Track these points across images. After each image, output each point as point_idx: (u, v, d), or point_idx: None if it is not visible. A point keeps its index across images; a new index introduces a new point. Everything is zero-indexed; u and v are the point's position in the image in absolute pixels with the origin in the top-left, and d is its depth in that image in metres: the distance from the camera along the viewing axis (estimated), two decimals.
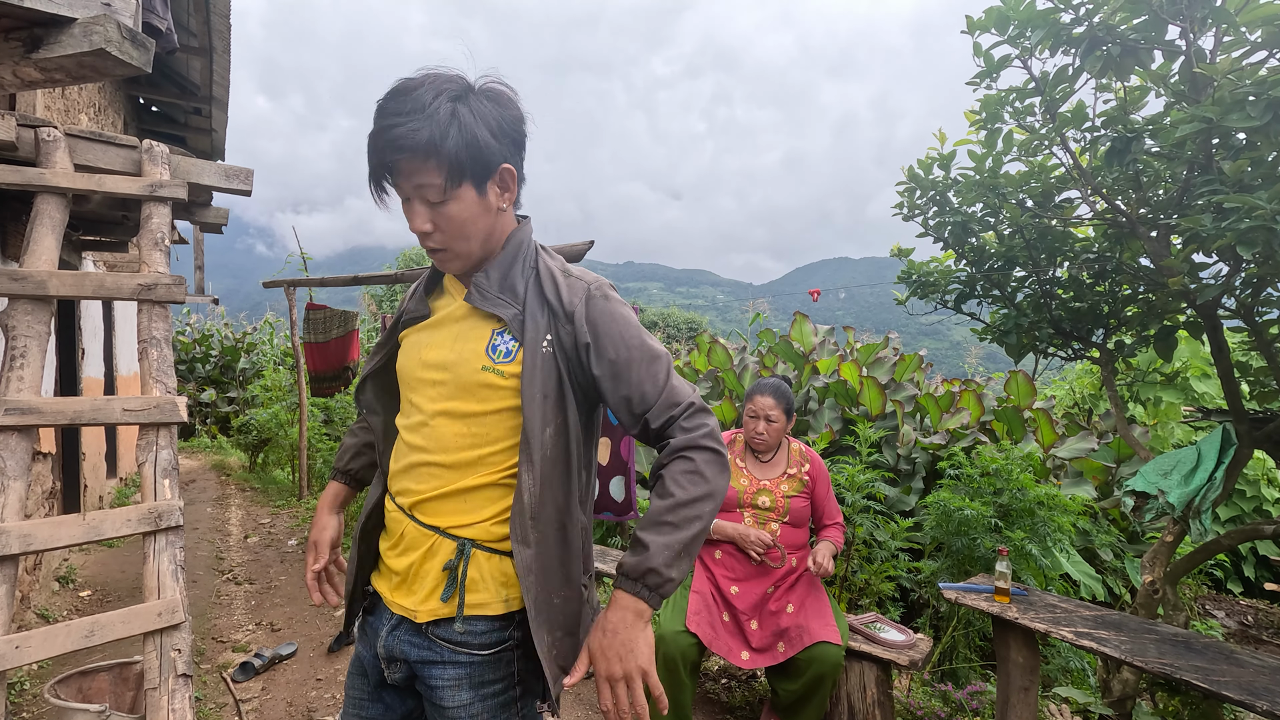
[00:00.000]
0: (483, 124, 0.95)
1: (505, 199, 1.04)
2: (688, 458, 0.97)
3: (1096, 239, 2.78)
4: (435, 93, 0.93)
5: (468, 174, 0.96)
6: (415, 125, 0.91)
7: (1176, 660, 1.71)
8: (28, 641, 1.72)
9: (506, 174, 1.02)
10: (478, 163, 0.96)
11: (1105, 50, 2.05)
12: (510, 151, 1.01)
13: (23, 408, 1.90)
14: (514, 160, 1.02)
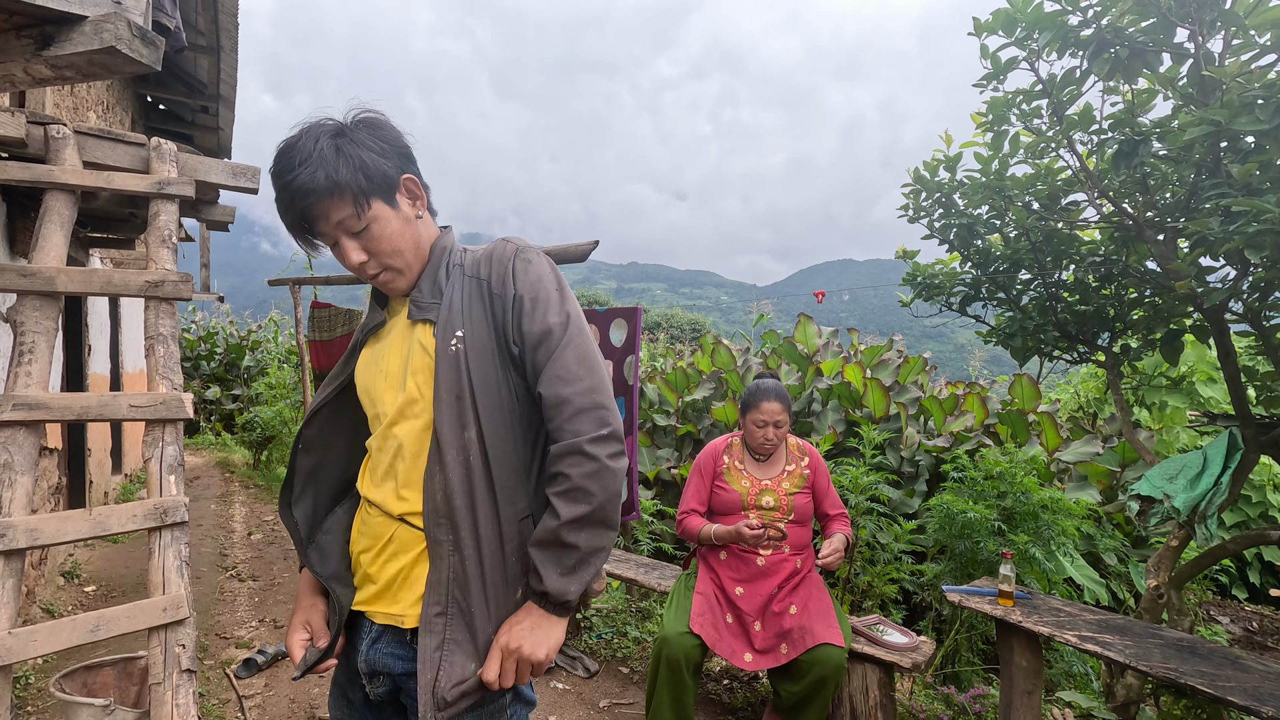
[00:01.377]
0: (365, 148, 1.01)
1: (418, 206, 1.09)
2: (564, 474, 0.96)
3: (1103, 242, 2.77)
4: (314, 139, 0.99)
5: (373, 192, 1.01)
6: (309, 170, 0.97)
7: (1182, 665, 1.70)
8: (33, 636, 1.73)
9: (409, 183, 1.07)
10: (376, 180, 1.01)
11: (1113, 53, 2.05)
12: (402, 164, 1.05)
13: (30, 403, 1.91)
14: (410, 170, 1.07)
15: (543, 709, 2.67)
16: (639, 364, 3.38)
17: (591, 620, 3.38)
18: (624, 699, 2.76)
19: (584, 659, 3.01)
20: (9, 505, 1.81)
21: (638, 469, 3.44)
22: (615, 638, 3.27)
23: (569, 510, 0.95)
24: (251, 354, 11.35)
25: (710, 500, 2.41)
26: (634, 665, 3.05)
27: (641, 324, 3.41)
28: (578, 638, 3.28)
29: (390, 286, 1.09)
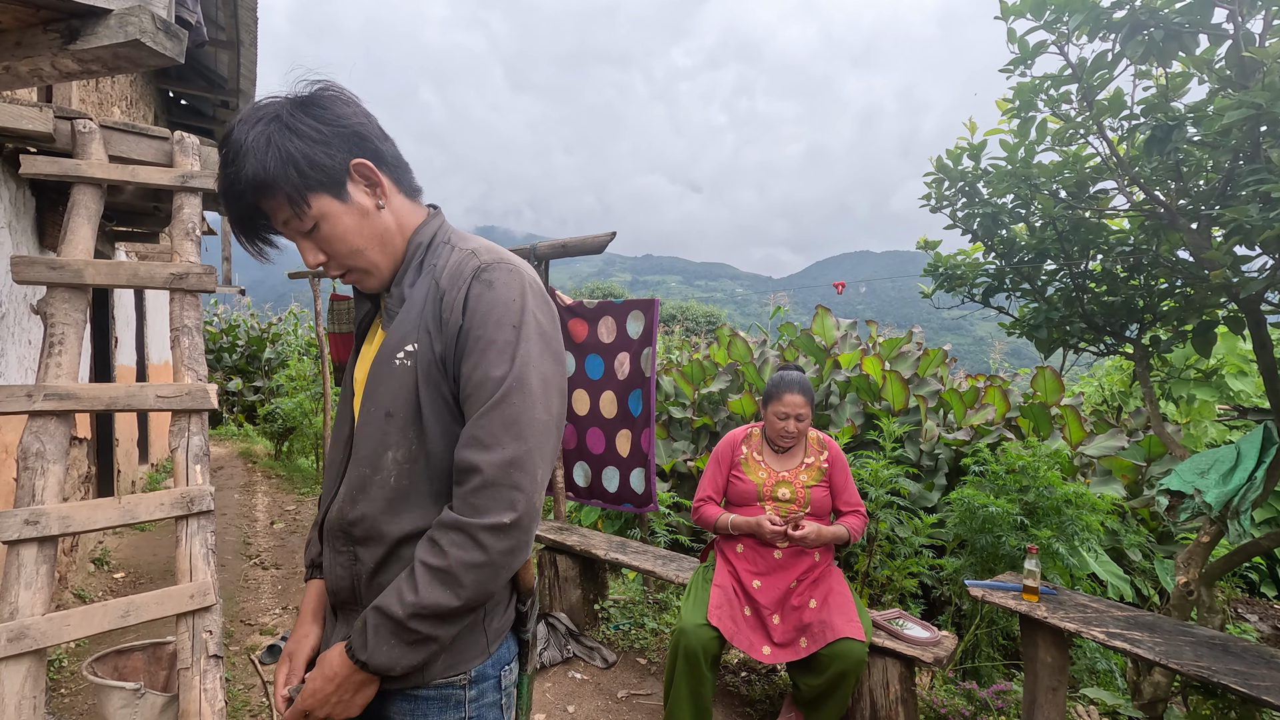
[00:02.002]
0: (301, 137, 0.86)
1: (378, 194, 0.93)
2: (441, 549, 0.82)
3: (1132, 231, 2.71)
4: (249, 127, 0.86)
5: (311, 187, 0.87)
6: (238, 166, 0.85)
7: (1214, 664, 1.66)
8: (67, 620, 1.77)
9: (361, 170, 0.91)
10: (314, 173, 0.87)
11: (1148, 35, 1.99)
12: (350, 147, 0.90)
13: (61, 393, 1.94)
14: (363, 153, 0.91)
15: (560, 698, 2.69)
16: (655, 356, 3.37)
17: (609, 611, 3.39)
18: (641, 690, 2.77)
19: (601, 650, 3.03)
20: (41, 493, 1.85)
21: (655, 461, 3.44)
22: (632, 629, 3.28)
23: (429, 594, 0.82)
24: (272, 346, 11.51)
25: (727, 490, 2.41)
26: (651, 656, 3.06)
27: (658, 316, 3.40)
28: (595, 628, 3.30)
29: (362, 286, 0.98)
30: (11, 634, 1.67)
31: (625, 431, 3.50)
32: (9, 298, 2.61)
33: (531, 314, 0.89)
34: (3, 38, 1.58)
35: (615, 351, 3.50)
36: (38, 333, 2.92)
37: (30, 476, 1.86)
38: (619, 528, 4.77)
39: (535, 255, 3.41)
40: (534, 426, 0.85)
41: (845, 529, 2.28)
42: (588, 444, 3.66)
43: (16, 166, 2.53)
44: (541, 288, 0.94)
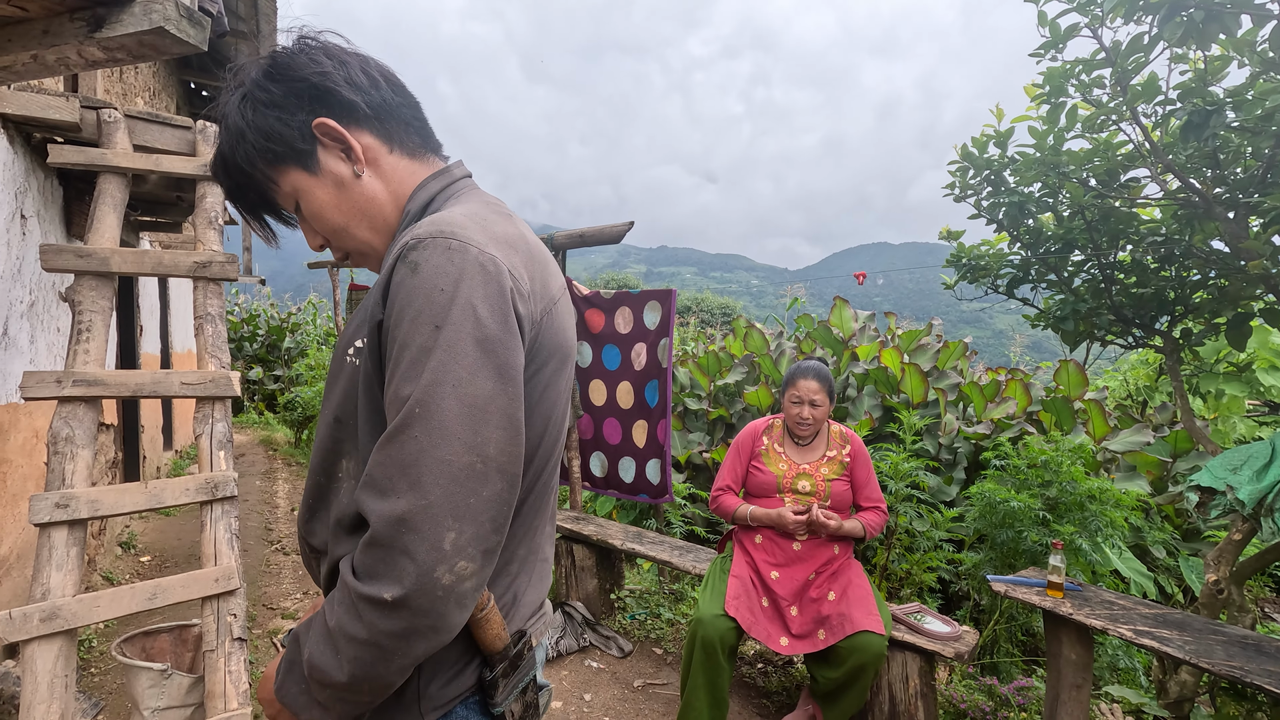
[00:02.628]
0: (258, 104, 0.76)
1: (353, 159, 0.79)
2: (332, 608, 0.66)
3: (1165, 220, 2.64)
4: (225, 98, 0.78)
5: (273, 161, 0.77)
6: (216, 143, 0.80)
7: (1247, 664, 1.63)
8: (97, 602, 1.81)
9: (325, 130, 0.76)
10: (272, 144, 0.76)
11: (1187, 16, 1.92)
12: (311, 108, 0.76)
13: (89, 379, 1.97)
14: (327, 111, 0.77)
15: (577, 686, 2.71)
16: (672, 346, 3.36)
17: (625, 601, 3.40)
18: (658, 679, 2.78)
19: (618, 639, 3.04)
20: (71, 477, 1.89)
21: (670, 453, 3.44)
22: (648, 619, 3.29)
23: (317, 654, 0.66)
24: (292, 336, 11.66)
25: (746, 481, 2.39)
26: (667, 646, 3.07)
27: (675, 306, 3.38)
28: (611, 618, 3.31)
29: (364, 265, 0.86)
30: (44, 614, 1.71)
31: (642, 422, 3.50)
32: (38, 286, 2.66)
33: (465, 309, 0.64)
34: (30, 26, 1.59)
35: (632, 342, 3.49)
36: (66, 320, 2.97)
37: (60, 461, 1.89)
38: (634, 518, 4.78)
39: (553, 245, 3.41)
40: (440, 472, 0.61)
41: (860, 525, 2.25)
42: (604, 434, 3.66)
43: (44, 156, 2.57)
44: (503, 273, 0.68)
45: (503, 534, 0.67)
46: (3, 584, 2.39)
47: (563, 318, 0.80)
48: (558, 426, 0.81)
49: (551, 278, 0.79)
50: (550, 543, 0.87)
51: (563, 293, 0.82)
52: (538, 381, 0.75)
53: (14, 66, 1.63)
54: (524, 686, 0.78)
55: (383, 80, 0.81)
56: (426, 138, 0.86)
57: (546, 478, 0.82)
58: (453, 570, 0.62)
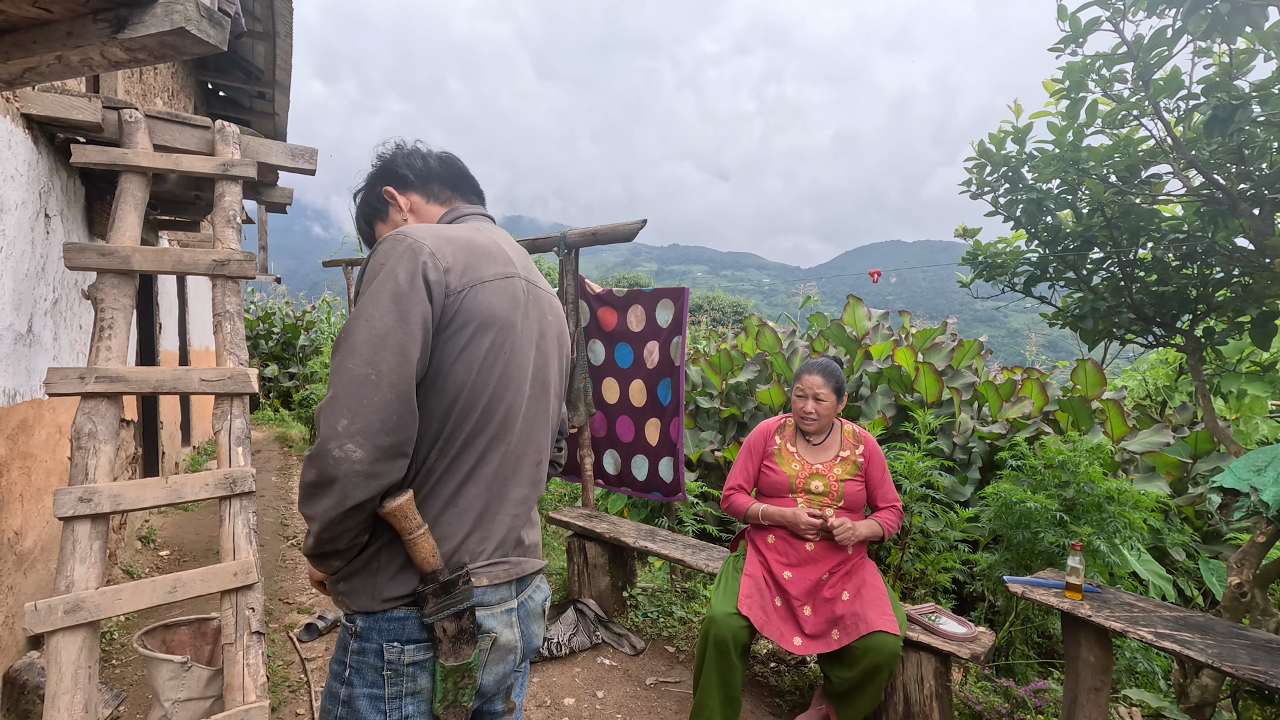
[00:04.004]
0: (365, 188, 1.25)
1: (403, 209, 1.21)
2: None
3: (1187, 217, 2.59)
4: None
5: (371, 219, 1.25)
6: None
7: (1271, 668, 1.60)
8: (119, 594, 1.84)
9: (386, 195, 1.21)
10: (367, 209, 1.25)
11: (1212, 9, 1.88)
12: (381, 180, 1.22)
13: (111, 375, 2.01)
14: (386, 182, 1.21)
15: (589, 684, 2.71)
16: (685, 345, 3.35)
17: (637, 599, 3.41)
18: (670, 677, 2.78)
19: (630, 637, 3.04)
20: (94, 472, 1.92)
21: (683, 451, 3.43)
22: (661, 617, 3.29)
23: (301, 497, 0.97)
24: (306, 334, 11.77)
25: (758, 480, 2.38)
26: (679, 644, 3.07)
27: (688, 304, 3.38)
28: (623, 615, 3.31)
29: None
30: (68, 606, 1.74)
31: (654, 420, 3.50)
32: (61, 284, 2.70)
33: (389, 273, 0.95)
34: (54, 28, 1.61)
35: (645, 340, 3.49)
36: (88, 317, 3.02)
37: (83, 456, 1.93)
38: (645, 516, 4.78)
39: (565, 243, 3.41)
40: (345, 376, 0.90)
41: (878, 525, 2.24)
42: (617, 432, 3.66)
43: (67, 156, 2.61)
44: (422, 251, 0.97)
45: (396, 439, 0.91)
46: (27, 576, 2.43)
47: (491, 296, 1.03)
48: (484, 390, 1.02)
49: (489, 266, 1.05)
50: (490, 502, 1.05)
51: (504, 279, 1.06)
52: (457, 340, 0.99)
53: (39, 68, 1.66)
54: (459, 613, 0.99)
55: (432, 160, 1.24)
56: (459, 189, 1.25)
57: (472, 437, 1.02)
58: (342, 448, 0.88)
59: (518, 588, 1.09)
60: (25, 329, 2.38)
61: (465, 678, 1.00)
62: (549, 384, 1.16)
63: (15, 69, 1.65)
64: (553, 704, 2.56)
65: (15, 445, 2.32)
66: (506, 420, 1.05)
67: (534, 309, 1.12)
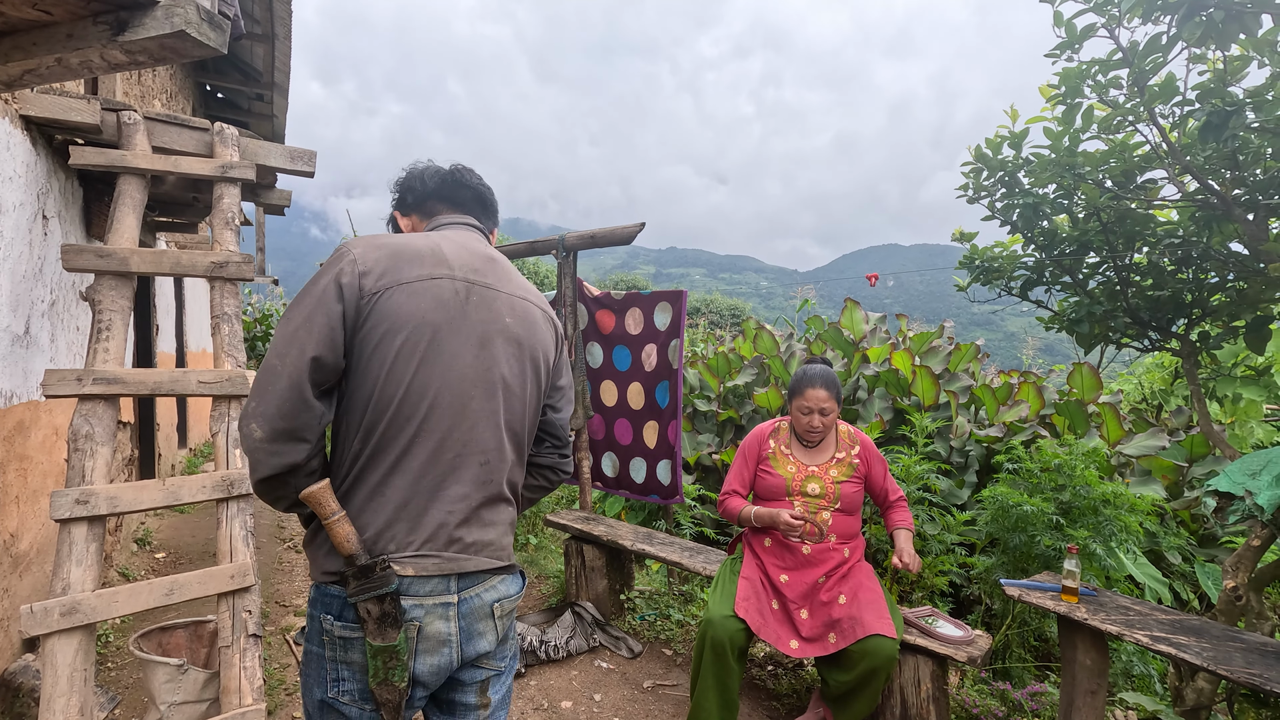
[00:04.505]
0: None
1: (404, 230, 1.36)
2: None
3: (1182, 222, 2.61)
4: None
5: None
6: None
7: (1267, 671, 1.60)
8: (115, 597, 1.83)
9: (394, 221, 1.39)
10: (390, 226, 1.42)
11: (1206, 16, 1.90)
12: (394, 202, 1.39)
13: (109, 377, 2.00)
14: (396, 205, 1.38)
15: (587, 687, 2.71)
16: (683, 347, 3.35)
17: (635, 602, 3.41)
18: (667, 680, 2.77)
19: (628, 639, 3.04)
20: (91, 474, 1.92)
21: (681, 454, 3.43)
22: (658, 620, 3.29)
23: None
24: None
25: (755, 484, 2.39)
26: (677, 647, 3.07)
27: (686, 307, 3.38)
28: (621, 618, 3.31)
29: None
30: (64, 609, 1.74)
31: (652, 423, 3.50)
32: (58, 285, 2.70)
33: (315, 278, 1.08)
34: (54, 30, 1.62)
35: (642, 343, 3.49)
36: (85, 319, 3.01)
37: (80, 458, 1.92)
38: (643, 519, 4.77)
39: (564, 246, 3.42)
40: (262, 365, 1.05)
41: (907, 529, 2.31)
42: (616, 435, 3.67)
43: (65, 157, 2.61)
44: (345, 259, 1.09)
45: (290, 424, 1.02)
46: (23, 579, 2.42)
47: (408, 297, 1.09)
48: (398, 386, 1.08)
49: (414, 269, 1.12)
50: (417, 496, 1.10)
51: (428, 280, 1.12)
52: (370, 338, 1.07)
53: (38, 69, 1.66)
54: (381, 597, 1.05)
55: (431, 180, 1.34)
56: (454, 201, 1.34)
57: (393, 431, 1.09)
58: (248, 425, 1.02)
59: (458, 584, 1.12)
60: (22, 330, 2.37)
61: (393, 659, 1.07)
62: (498, 385, 1.16)
63: (15, 71, 1.65)
64: (550, 707, 2.56)
65: (12, 447, 2.31)
66: (432, 417, 1.10)
67: (479, 311, 1.15)
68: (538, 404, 1.27)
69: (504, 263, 1.27)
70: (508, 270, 1.26)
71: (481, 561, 1.15)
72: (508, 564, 1.20)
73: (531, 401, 1.24)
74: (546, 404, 1.32)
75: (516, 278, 1.27)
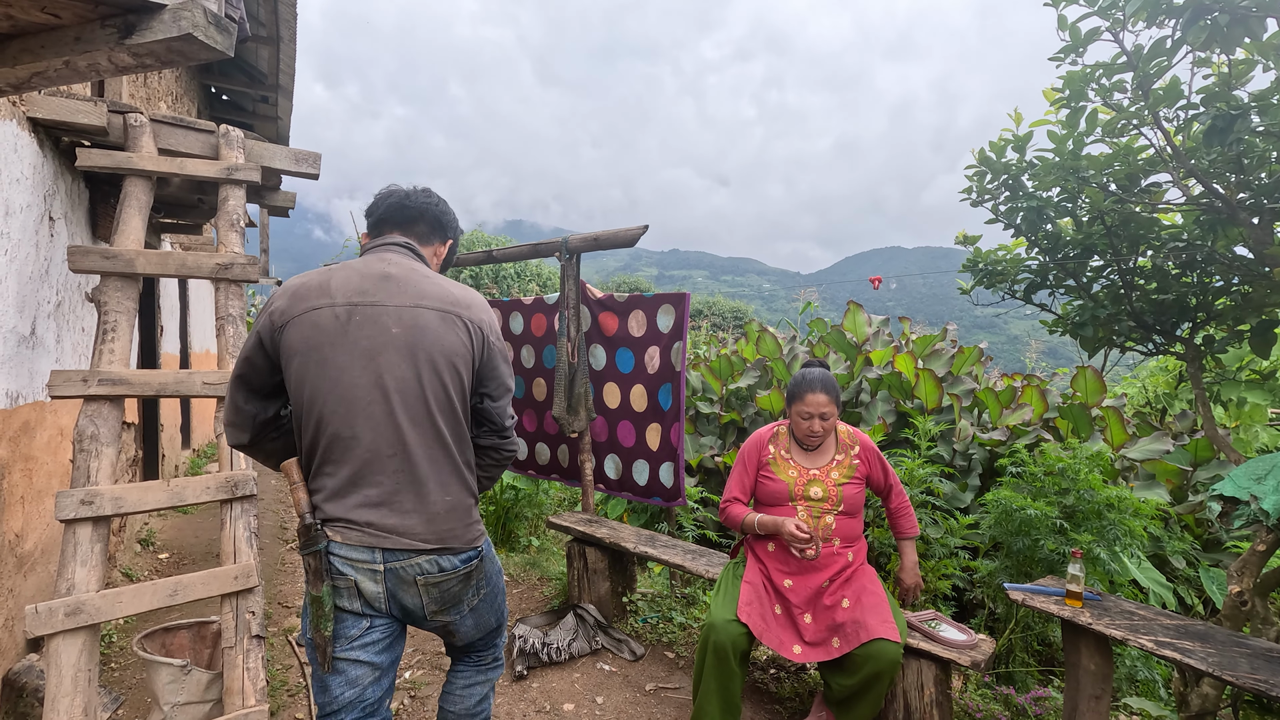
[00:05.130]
0: None
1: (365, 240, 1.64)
2: None
3: (1187, 226, 2.60)
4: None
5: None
6: None
7: (1271, 677, 1.60)
8: (119, 597, 1.84)
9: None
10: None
11: (1211, 19, 1.90)
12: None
13: (114, 378, 2.01)
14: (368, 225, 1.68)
15: (589, 689, 2.71)
16: (686, 350, 3.35)
17: (637, 604, 3.40)
18: (669, 683, 2.77)
19: (630, 642, 3.04)
20: (96, 474, 1.92)
21: (683, 456, 3.43)
22: (661, 622, 3.29)
23: None
24: None
25: (756, 490, 2.38)
26: (679, 650, 3.06)
27: (689, 310, 3.38)
28: (623, 621, 3.31)
29: None
30: (69, 609, 1.74)
31: (655, 425, 3.50)
32: (64, 286, 2.71)
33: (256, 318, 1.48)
34: (62, 33, 1.62)
35: (645, 345, 3.49)
36: (90, 320, 3.02)
37: (85, 459, 1.93)
38: (645, 521, 4.77)
39: (567, 248, 3.42)
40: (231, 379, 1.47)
41: (911, 540, 2.39)
42: (619, 437, 3.67)
43: (72, 159, 2.63)
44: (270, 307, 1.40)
45: (232, 419, 1.45)
46: (28, 579, 2.43)
47: (295, 329, 1.37)
48: (303, 400, 1.37)
49: (302, 304, 1.38)
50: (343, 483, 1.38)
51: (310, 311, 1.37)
52: (286, 363, 1.38)
53: (46, 72, 1.67)
54: (315, 553, 1.35)
55: (380, 205, 1.59)
56: (395, 224, 1.59)
57: (317, 433, 1.37)
58: (223, 418, 1.50)
59: (383, 556, 1.37)
60: (29, 331, 2.38)
61: (320, 610, 1.35)
62: (391, 389, 1.37)
63: (23, 74, 1.66)
64: (552, 709, 2.56)
65: (17, 447, 2.32)
66: (334, 421, 1.36)
67: (361, 329, 1.37)
68: (449, 397, 1.43)
69: (404, 277, 1.45)
70: (404, 284, 1.44)
71: (400, 541, 1.37)
72: (436, 546, 1.41)
73: (437, 397, 1.42)
74: (481, 392, 1.52)
75: (414, 288, 1.44)
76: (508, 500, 4.66)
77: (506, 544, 4.60)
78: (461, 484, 1.46)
